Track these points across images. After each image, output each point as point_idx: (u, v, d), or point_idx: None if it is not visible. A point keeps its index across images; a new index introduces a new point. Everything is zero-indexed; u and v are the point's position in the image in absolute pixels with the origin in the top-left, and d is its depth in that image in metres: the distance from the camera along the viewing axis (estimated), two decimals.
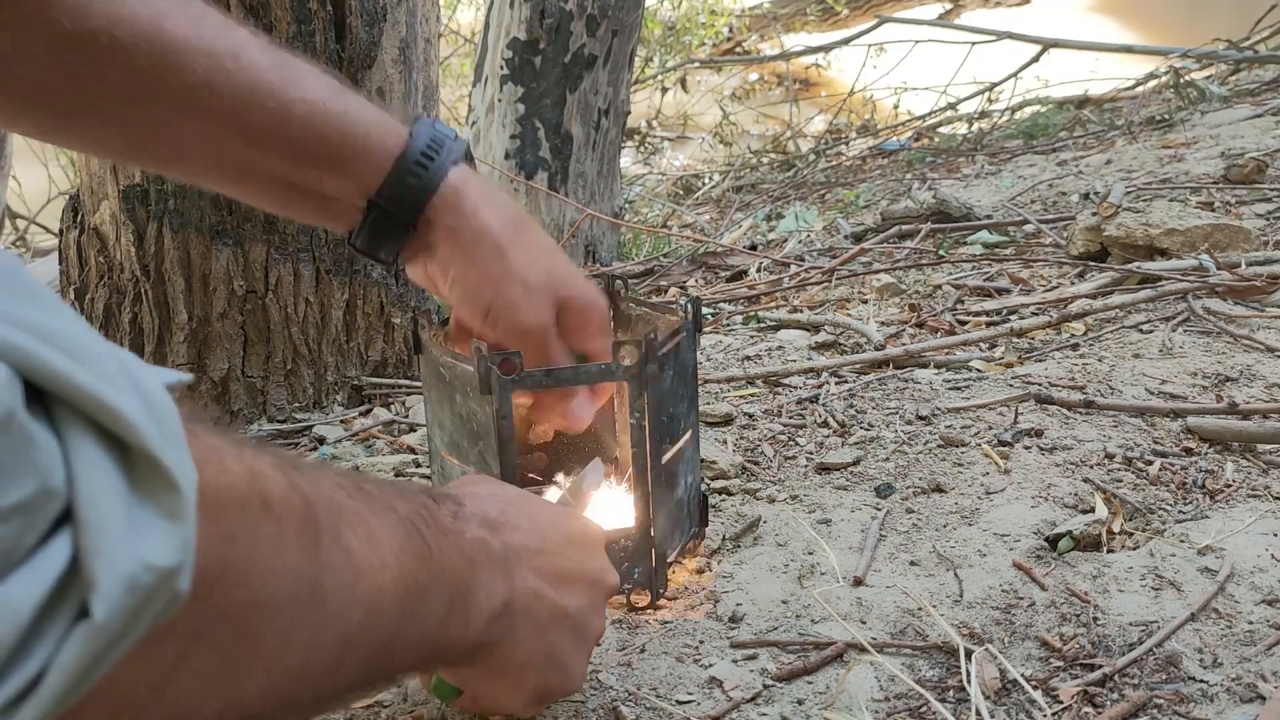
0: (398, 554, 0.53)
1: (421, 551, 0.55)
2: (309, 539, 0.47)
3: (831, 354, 1.57)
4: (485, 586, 0.61)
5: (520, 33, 3.60)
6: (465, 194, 0.82)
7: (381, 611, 0.52)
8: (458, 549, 0.59)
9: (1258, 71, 4.44)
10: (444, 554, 0.57)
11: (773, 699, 0.78)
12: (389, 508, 0.55)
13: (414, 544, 0.55)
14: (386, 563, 0.52)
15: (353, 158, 0.79)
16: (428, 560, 0.56)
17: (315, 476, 0.50)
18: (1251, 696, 0.75)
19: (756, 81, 8.99)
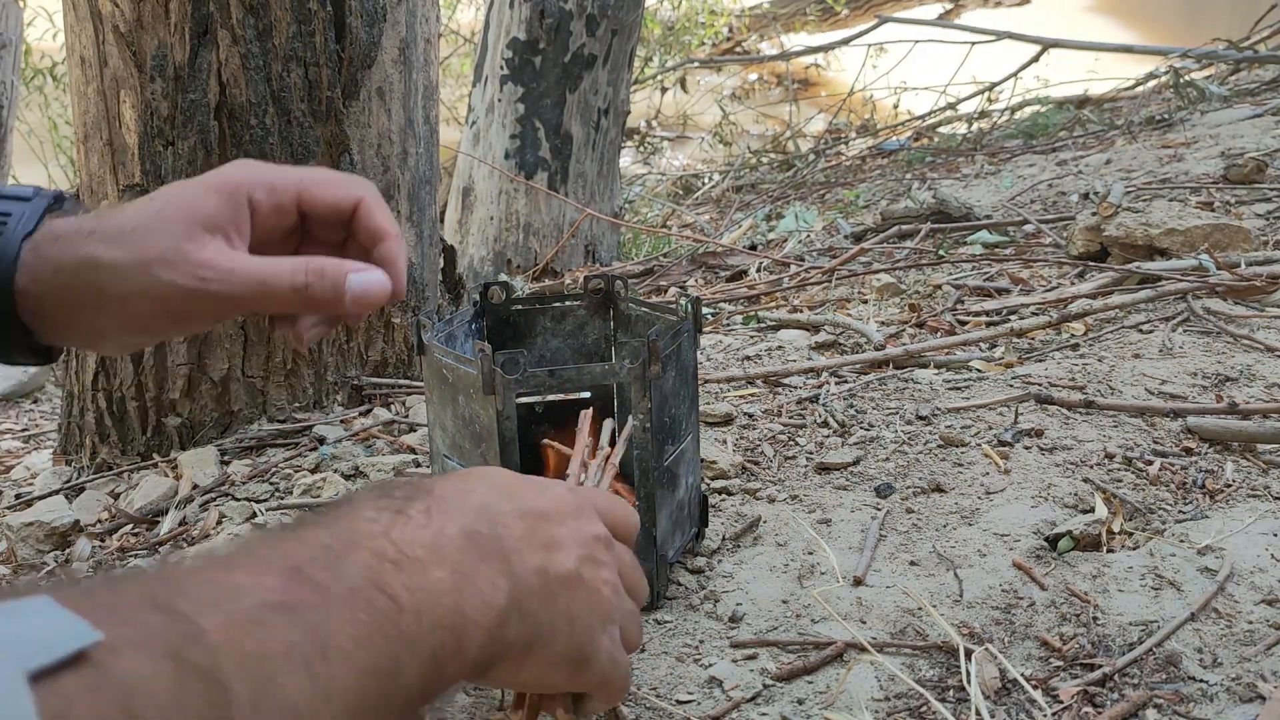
0: (353, 649, 0.46)
1: (386, 617, 0.48)
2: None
3: (831, 354, 1.57)
4: (481, 596, 0.54)
5: (520, 33, 3.60)
6: (49, 241, 0.69)
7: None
8: (441, 568, 0.52)
9: (1258, 71, 4.44)
10: (419, 592, 0.50)
11: (773, 699, 0.78)
12: (337, 582, 0.47)
13: (374, 615, 0.48)
14: (335, 681, 0.45)
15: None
16: (397, 621, 0.49)
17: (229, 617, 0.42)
18: (1251, 696, 0.75)
19: (756, 81, 8.99)
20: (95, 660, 0.36)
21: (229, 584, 0.44)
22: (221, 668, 0.40)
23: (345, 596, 0.47)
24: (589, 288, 1.06)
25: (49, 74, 5.77)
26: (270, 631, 0.43)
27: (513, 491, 0.63)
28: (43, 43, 5.63)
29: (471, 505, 0.58)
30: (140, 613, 0.40)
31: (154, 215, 0.71)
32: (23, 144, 4.90)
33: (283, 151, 1.42)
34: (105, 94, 1.44)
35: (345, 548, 0.49)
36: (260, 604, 0.44)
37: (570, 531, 0.64)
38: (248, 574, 0.45)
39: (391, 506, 0.53)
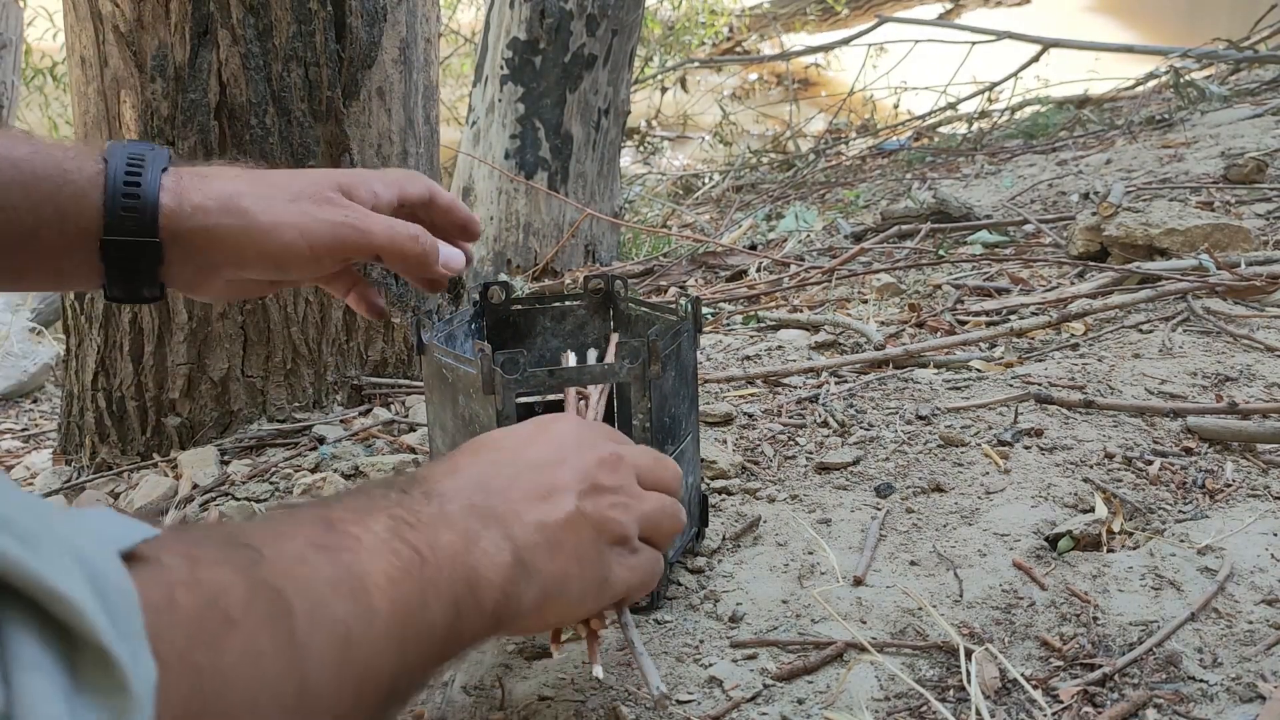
0: (387, 585, 0.52)
1: (412, 563, 0.54)
2: (285, 636, 0.46)
3: (831, 354, 1.57)
4: (488, 556, 0.59)
5: (520, 32, 3.60)
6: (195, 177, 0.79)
7: (378, 662, 0.51)
8: (450, 532, 0.58)
9: (1258, 71, 4.44)
10: (437, 549, 0.56)
11: (773, 699, 0.78)
12: (365, 534, 0.54)
13: (402, 560, 0.54)
14: (375, 608, 0.51)
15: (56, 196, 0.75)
16: (421, 569, 0.55)
17: (281, 551, 0.49)
18: (1251, 696, 0.75)
19: (756, 81, 9.00)
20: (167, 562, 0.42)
21: (276, 532, 0.50)
22: (284, 585, 0.47)
23: (375, 544, 0.53)
24: (589, 288, 1.06)
25: (49, 74, 5.77)
26: (316, 566, 0.50)
27: (508, 448, 0.68)
28: (43, 43, 5.63)
29: (464, 482, 0.63)
30: (216, 544, 0.46)
31: (293, 174, 0.83)
32: None
33: (283, 151, 1.42)
34: (105, 94, 1.44)
35: (367, 510, 0.56)
36: (305, 545, 0.50)
37: (570, 470, 0.68)
38: (290, 527, 0.52)
39: (395, 487, 0.60)
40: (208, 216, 0.78)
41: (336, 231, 0.81)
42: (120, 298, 0.79)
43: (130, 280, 0.78)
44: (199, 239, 0.78)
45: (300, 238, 0.79)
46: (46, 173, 0.75)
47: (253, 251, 0.79)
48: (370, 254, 0.83)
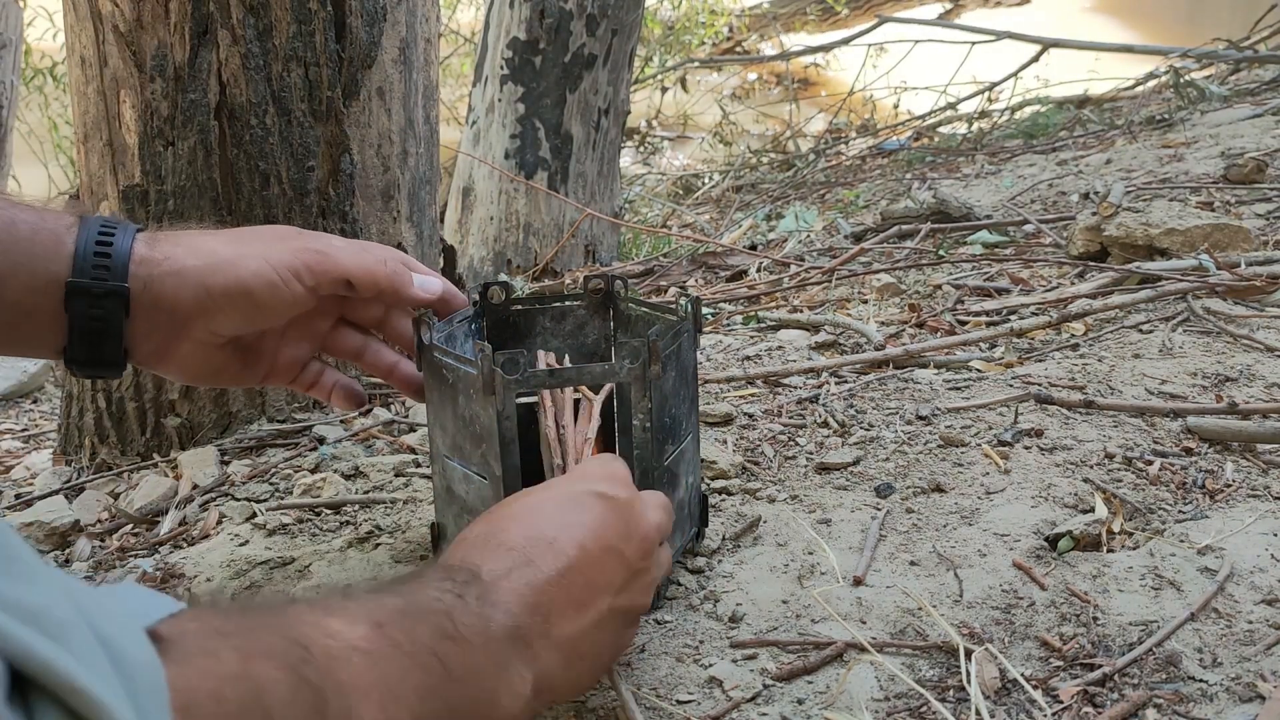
0: (415, 701, 0.54)
1: (442, 682, 0.56)
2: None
3: (831, 354, 1.57)
4: (510, 687, 0.61)
5: (520, 32, 3.60)
6: (167, 232, 0.80)
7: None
8: (483, 652, 0.60)
9: (1258, 71, 4.44)
10: (464, 670, 0.58)
11: (773, 699, 0.78)
12: (408, 643, 0.55)
13: (434, 678, 0.56)
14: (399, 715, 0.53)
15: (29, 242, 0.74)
16: (448, 689, 0.57)
17: (327, 649, 0.51)
18: (1251, 696, 0.75)
19: (756, 81, 9.00)
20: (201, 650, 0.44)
21: (327, 627, 0.52)
22: (324, 684, 0.49)
23: (412, 655, 0.55)
24: (589, 288, 1.06)
25: (49, 74, 5.77)
26: (356, 669, 0.52)
27: (554, 543, 0.69)
28: (43, 43, 5.63)
29: (514, 589, 0.65)
30: (268, 635, 0.49)
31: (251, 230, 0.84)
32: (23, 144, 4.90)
33: (283, 151, 1.42)
34: (105, 94, 1.44)
35: (416, 615, 0.58)
36: (350, 646, 0.52)
37: (614, 564, 0.70)
38: (341, 622, 0.53)
39: (452, 590, 0.61)
40: (176, 261, 0.78)
41: (300, 256, 0.82)
42: (81, 360, 0.77)
43: (94, 338, 0.76)
44: (169, 284, 0.78)
45: (265, 264, 0.80)
46: (19, 217, 0.74)
47: (220, 286, 0.79)
48: (338, 277, 0.84)
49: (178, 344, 0.81)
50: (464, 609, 0.60)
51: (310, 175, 1.44)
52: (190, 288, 0.78)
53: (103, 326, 0.76)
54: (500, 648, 0.61)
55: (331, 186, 1.46)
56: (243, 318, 0.81)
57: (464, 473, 0.88)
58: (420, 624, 0.57)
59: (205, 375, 0.85)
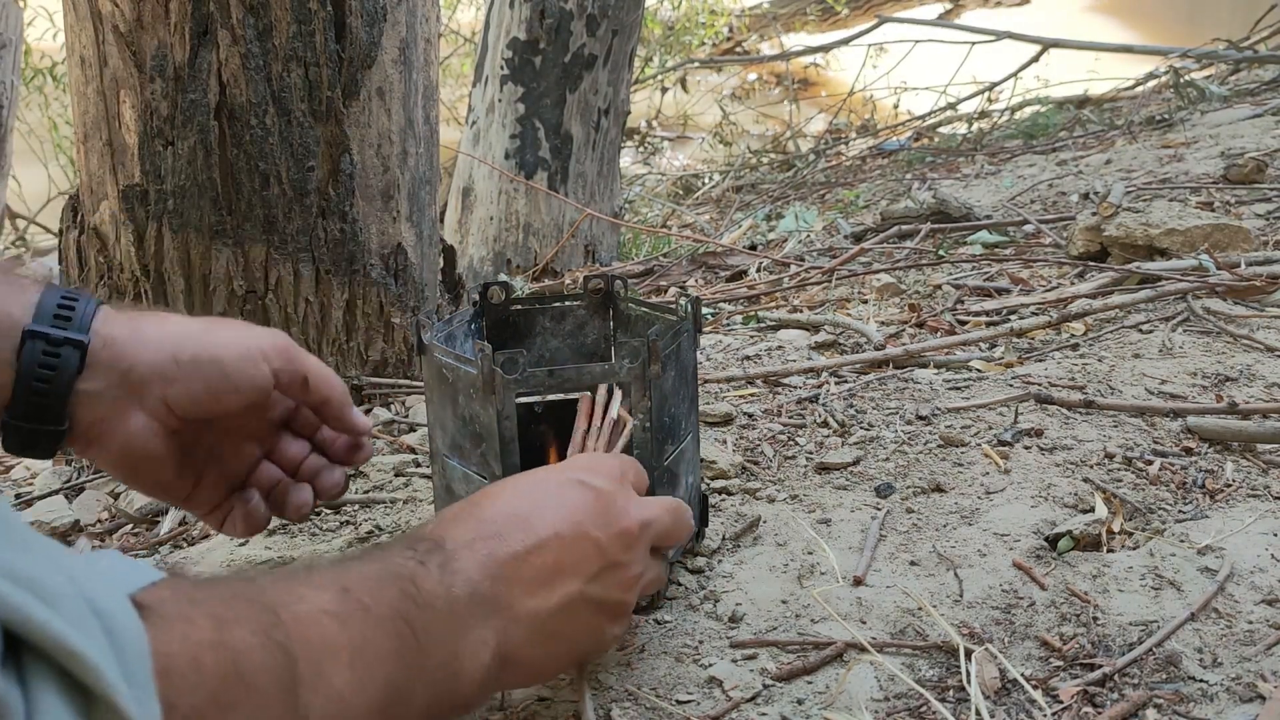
0: (381, 663, 0.55)
1: (407, 645, 0.57)
2: (288, 698, 0.49)
3: (831, 354, 1.57)
4: (473, 653, 0.62)
5: (520, 32, 3.60)
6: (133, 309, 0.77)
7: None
8: (446, 615, 0.60)
9: (1258, 71, 4.44)
10: (429, 634, 0.59)
11: (773, 699, 0.78)
12: (375, 606, 0.56)
13: (398, 642, 0.57)
14: (370, 682, 0.54)
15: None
16: (415, 654, 0.57)
17: (297, 614, 0.52)
18: (1251, 696, 0.75)
19: (756, 81, 9.00)
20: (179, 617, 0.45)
21: (296, 592, 0.54)
22: (293, 647, 0.50)
23: (380, 618, 0.56)
24: (589, 288, 1.06)
25: (49, 74, 5.77)
26: (325, 630, 0.53)
27: (526, 520, 0.68)
28: (43, 43, 5.63)
29: (477, 559, 0.64)
30: (239, 602, 0.50)
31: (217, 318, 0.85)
32: (23, 144, 4.90)
33: (283, 151, 1.42)
34: (105, 94, 1.44)
35: (382, 580, 0.58)
36: (319, 609, 0.53)
37: (587, 548, 0.69)
38: (309, 588, 0.55)
39: (414, 557, 0.62)
40: (143, 324, 0.76)
41: (270, 339, 0.80)
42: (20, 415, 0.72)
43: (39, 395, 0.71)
44: (131, 344, 0.75)
45: (237, 340, 0.78)
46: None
47: (189, 354, 0.76)
48: (299, 371, 0.81)
49: (126, 416, 0.75)
50: (425, 575, 0.61)
51: (310, 175, 1.44)
52: (154, 350, 0.75)
53: (52, 377, 0.72)
54: (461, 612, 0.61)
55: (331, 186, 1.46)
56: (206, 391, 0.77)
57: (464, 472, 0.88)
58: (386, 588, 0.58)
59: (140, 464, 0.78)
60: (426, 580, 0.60)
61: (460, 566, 0.63)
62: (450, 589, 0.61)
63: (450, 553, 0.63)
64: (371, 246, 1.51)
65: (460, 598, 0.62)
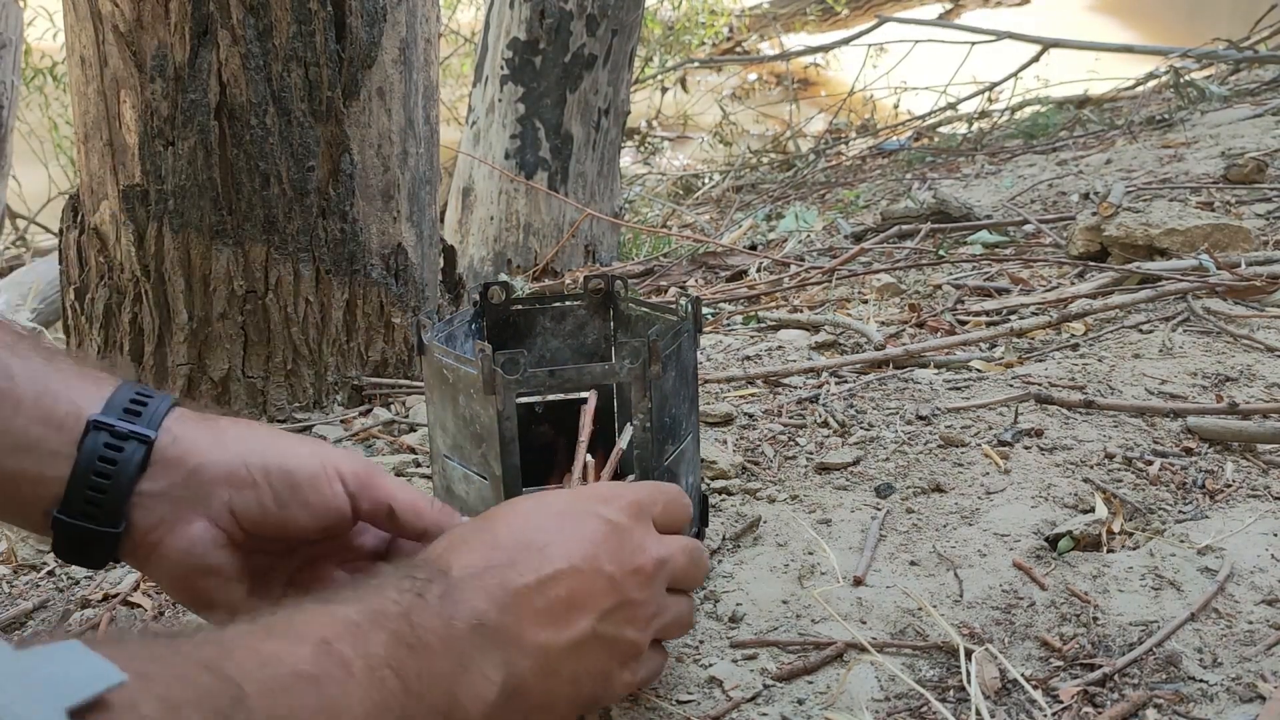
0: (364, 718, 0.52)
1: (394, 696, 0.53)
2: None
3: (831, 354, 1.57)
4: (474, 689, 0.58)
5: (520, 33, 3.60)
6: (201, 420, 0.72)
7: None
8: (443, 653, 0.57)
9: (1258, 71, 4.44)
10: (421, 678, 0.55)
11: (773, 699, 0.78)
12: (357, 658, 0.52)
13: (386, 692, 0.53)
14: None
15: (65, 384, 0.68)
16: (403, 702, 0.54)
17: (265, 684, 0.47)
18: (1251, 696, 0.75)
19: (756, 81, 9.00)
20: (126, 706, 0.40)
21: (267, 652, 0.49)
22: (261, 711, 0.46)
23: (364, 674, 0.52)
24: (589, 288, 1.06)
25: (49, 74, 5.78)
26: (298, 699, 0.48)
27: (541, 550, 0.65)
28: (43, 43, 5.63)
29: (485, 587, 0.61)
30: (196, 673, 0.45)
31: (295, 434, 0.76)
32: (23, 144, 4.90)
33: (283, 151, 1.42)
34: (105, 94, 1.44)
35: (369, 625, 0.54)
36: (292, 673, 0.49)
37: (600, 583, 0.66)
38: (283, 644, 0.50)
39: (413, 588, 0.58)
40: (216, 426, 0.72)
41: (350, 462, 0.74)
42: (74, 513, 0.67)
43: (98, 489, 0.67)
44: (201, 444, 0.70)
45: (313, 455, 0.73)
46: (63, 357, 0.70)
47: (259, 461, 0.70)
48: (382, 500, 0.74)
49: (188, 520, 0.70)
50: (423, 609, 0.57)
51: (310, 175, 1.44)
52: (223, 452, 0.70)
53: (112, 472, 0.67)
54: (463, 645, 0.58)
55: (331, 186, 1.46)
56: (274, 502, 0.71)
57: (464, 472, 0.88)
58: (374, 634, 0.54)
59: (200, 578, 0.71)
60: (423, 615, 0.57)
61: (465, 597, 0.60)
62: (451, 621, 0.58)
63: (455, 581, 0.60)
64: (372, 246, 1.51)
65: (462, 631, 0.59)
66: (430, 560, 0.62)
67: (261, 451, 0.71)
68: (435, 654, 0.56)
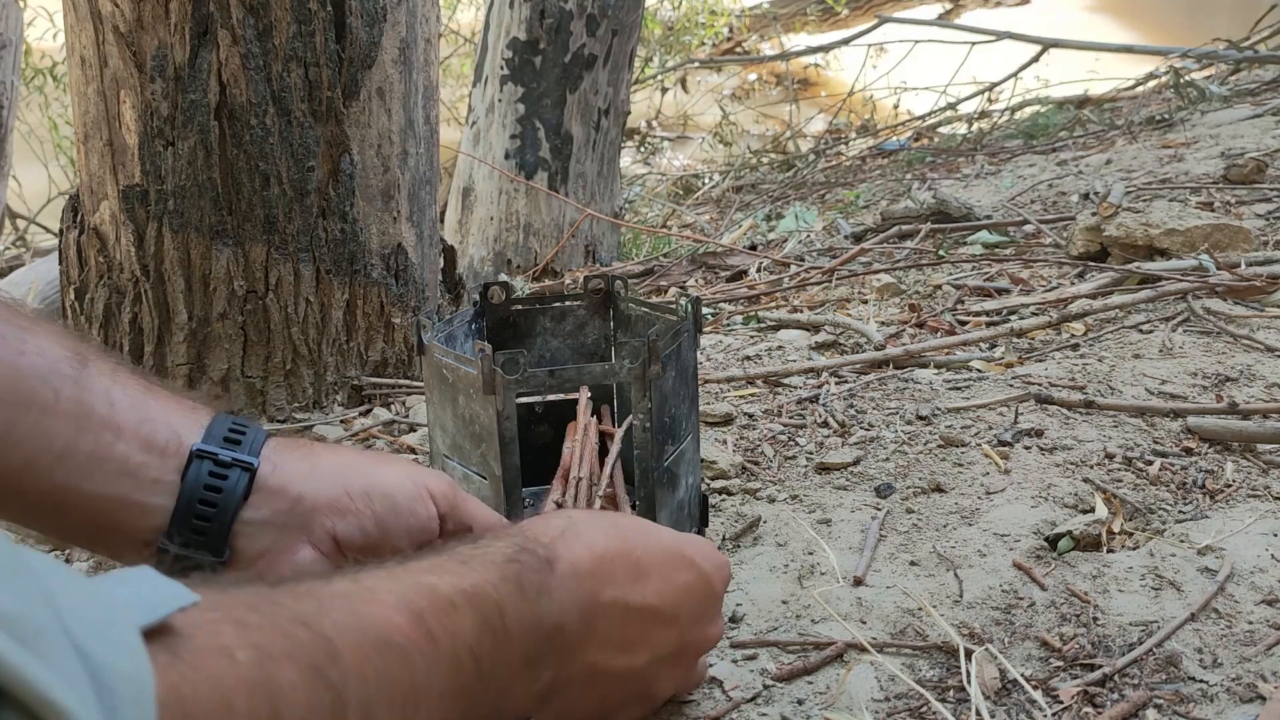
0: (438, 704, 0.52)
1: (467, 680, 0.54)
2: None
3: (831, 354, 1.57)
4: (526, 685, 0.60)
5: (520, 33, 3.60)
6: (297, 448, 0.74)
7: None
8: (520, 646, 0.58)
9: (1258, 71, 4.44)
10: (495, 666, 0.56)
11: (773, 699, 0.78)
12: (444, 637, 0.53)
13: (460, 679, 0.54)
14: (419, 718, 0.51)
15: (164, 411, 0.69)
16: (472, 688, 0.55)
17: (356, 645, 0.48)
18: (1251, 696, 0.75)
19: (756, 81, 8.99)
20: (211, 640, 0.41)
21: (363, 615, 0.50)
22: (347, 686, 0.46)
23: (448, 654, 0.53)
24: (589, 288, 1.06)
25: (49, 74, 5.77)
26: (386, 667, 0.49)
27: (641, 579, 0.67)
28: (43, 43, 5.63)
29: (579, 597, 0.63)
30: (292, 626, 0.46)
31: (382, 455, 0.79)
32: (23, 144, 4.90)
33: (283, 151, 1.42)
34: (105, 94, 1.44)
35: (464, 606, 0.55)
36: (384, 640, 0.50)
37: (670, 635, 0.68)
38: (380, 609, 0.51)
39: (516, 577, 0.59)
40: (312, 454, 0.73)
41: (438, 481, 0.76)
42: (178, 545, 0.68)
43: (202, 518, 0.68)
44: (300, 471, 0.71)
45: (406, 475, 0.75)
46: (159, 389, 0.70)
47: (360, 485, 0.72)
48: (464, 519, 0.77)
49: (294, 548, 0.71)
50: (519, 600, 0.58)
51: (310, 175, 1.44)
52: (324, 480, 0.72)
53: (218, 500, 0.68)
54: (537, 643, 0.60)
55: (331, 186, 1.46)
56: (376, 525, 0.72)
57: (464, 472, 0.88)
58: (466, 616, 0.55)
59: None
60: (517, 606, 0.58)
61: (559, 596, 0.61)
62: (541, 617, 0.60)
63: (558, 578, 0.61)
64: (372, 246, 1.51)
65: (545, 629, 0.60)
66: (542, 542, 0.63)
67: (359, 477, 0.73)
68: (514, 645, 0.58)
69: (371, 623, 0.50)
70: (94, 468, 0.66)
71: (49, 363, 0.65)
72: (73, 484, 0.65)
